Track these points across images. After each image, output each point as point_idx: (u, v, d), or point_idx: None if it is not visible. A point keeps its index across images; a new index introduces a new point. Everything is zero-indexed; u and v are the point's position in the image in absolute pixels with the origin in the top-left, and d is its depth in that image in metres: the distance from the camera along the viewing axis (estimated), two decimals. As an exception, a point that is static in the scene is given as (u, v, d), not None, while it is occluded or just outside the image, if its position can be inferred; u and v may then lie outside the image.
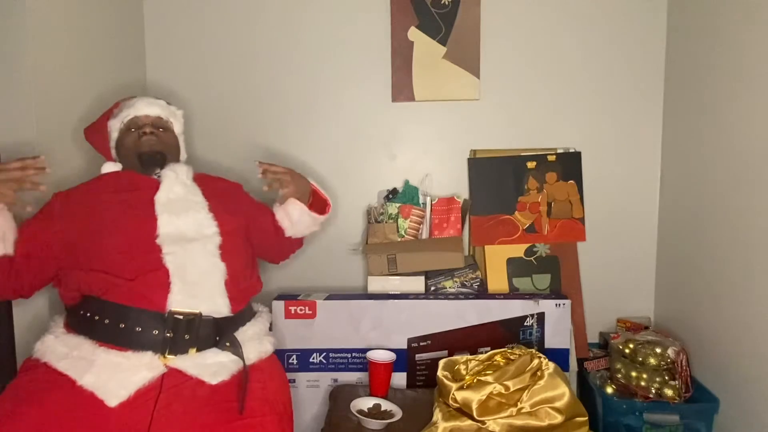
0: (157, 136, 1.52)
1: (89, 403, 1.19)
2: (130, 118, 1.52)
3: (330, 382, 1.85)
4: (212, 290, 1.37)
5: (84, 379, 1.21)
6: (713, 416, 1.63)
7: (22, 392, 1.20)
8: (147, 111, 1.54)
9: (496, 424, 1.41)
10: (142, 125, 1.52)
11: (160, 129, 1.54)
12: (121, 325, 1.28)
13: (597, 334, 2.06)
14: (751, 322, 1.51)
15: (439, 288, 1.96)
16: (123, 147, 1.52)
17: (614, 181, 2.03)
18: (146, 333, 1.28)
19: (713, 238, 1.69)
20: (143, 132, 1.51)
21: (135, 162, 1.50)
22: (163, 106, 1.58)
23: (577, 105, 2.01)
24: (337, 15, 2.01)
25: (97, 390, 1.20)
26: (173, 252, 1.34)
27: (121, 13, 1.91)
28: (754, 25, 1.51)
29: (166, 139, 1.55)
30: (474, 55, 1.99)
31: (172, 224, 1.38)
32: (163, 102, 1.60)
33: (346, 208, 2.06)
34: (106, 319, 1.29)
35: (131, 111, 1.53)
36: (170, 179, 1.46)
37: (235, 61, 2.03)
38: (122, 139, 1.52)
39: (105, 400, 1.19)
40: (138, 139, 1.51)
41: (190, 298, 1.33)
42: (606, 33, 1.98)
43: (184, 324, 1.30)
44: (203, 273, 1.37)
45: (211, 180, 1.60)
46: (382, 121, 2.05)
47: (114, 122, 1.54)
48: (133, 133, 1.51)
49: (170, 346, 1.28)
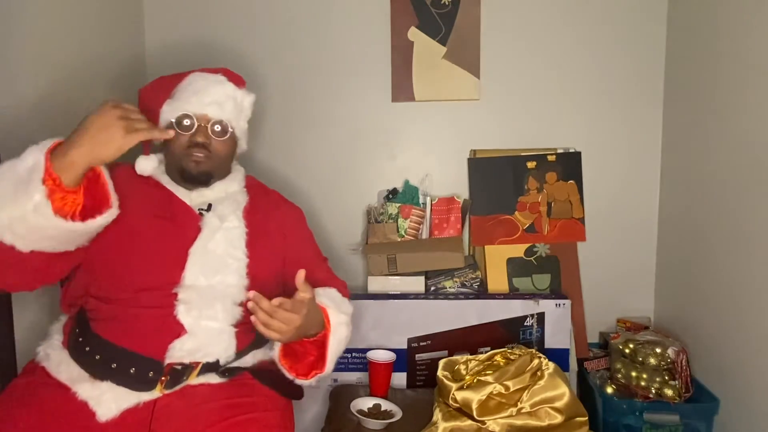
0: (209, 151, 1.29)
1: (83, 411, 1.15)
2: (183, 114, 1.28)
3: (330, 382, 1.84)
4: (221, 339, 1.26)
5: (79, 387, 1.17)
6: (713, 416, 1.63)
7: (18, 394, 1.18)
8: (208, 110, 1.29)
9: (496, 424, 1.41)
10: (195, 130, 1.28)
11: (216, 134, 1.30)
12: (113, 365, 1.18)
13: (597, 334, 2.06)
14: (751, 322, 1.51)
15: (439, 288, 1.96)
16: (167, 145, 1.31)
17: (614, 181, 2.03)
18: (141, 374, 1.19)
19: (713, 238, 1.69)
20: (194, 142, 1.28)
21: (175, 173, 1.32)
22: (230, 102, 1.31)
23: (577, 105, 2.01)
24: (337, 15, 2.01)
25: (90, 400, 1.16)
26: (189, 302, 1.21)
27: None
28: (755, 25, 1.51)
29: (219, 150, 1.31)
30: (474, 55, 1.99)
31: (199, 280, 1.23)
32: (231, 89, 1.33)
33: (346, 208, 2.06)
34: (97, 355, 1.19)
35: (188, 105, 1.28)
36: (212, 228, 1.27)
37: (234, 64, 2.03)
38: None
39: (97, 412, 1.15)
40: (186, 148, 1.28)
41: (195, 350, 1.22)
42: (606, 33, 1.98)
43: (183, 371, 1.22)
44: (216, 328, 1.24)
45: (265, 207, 1.40)
46: (382, 121, 2.05)
47: (168, 109, 1.29)
48: (182, 137, 1.28)
49: (167, 385, 1.21)
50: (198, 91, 1.30)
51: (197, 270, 1.24)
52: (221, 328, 1.25)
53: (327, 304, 1.29)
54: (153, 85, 1.39)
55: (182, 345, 1.21)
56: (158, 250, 1.25)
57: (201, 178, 1.31)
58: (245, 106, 1.38)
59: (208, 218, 1.30)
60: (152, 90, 1.37)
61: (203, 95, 1.29)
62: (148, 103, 1.34)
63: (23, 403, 1.15)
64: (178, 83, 1.33)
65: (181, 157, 1.29)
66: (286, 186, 1.96)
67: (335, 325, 1.28)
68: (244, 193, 1.41)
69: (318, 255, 1.52)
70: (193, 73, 1.35)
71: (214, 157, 1.31)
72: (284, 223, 1.43)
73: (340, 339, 1.30)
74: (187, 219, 1.29)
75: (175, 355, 1.20)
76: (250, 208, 1.38)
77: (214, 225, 1.29)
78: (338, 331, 1.29)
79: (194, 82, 1.32)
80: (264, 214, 1.40)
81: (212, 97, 1.30)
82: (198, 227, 1.28)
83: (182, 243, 1.26)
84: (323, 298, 1.29)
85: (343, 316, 1.31)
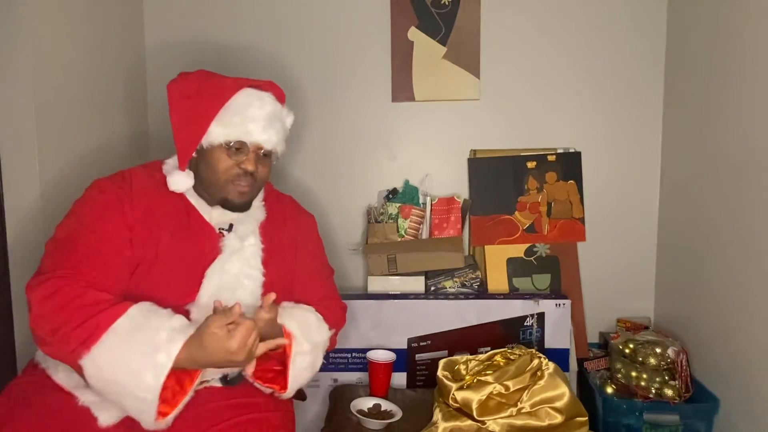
0: (254, 179, 1.27)
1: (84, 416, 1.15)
2: (239, 141, 1.23)
3: (330, 382, 1.85)
4: None
5: (80, 392, 1.16)
6: (713, 416, 1.63)
7: (18, 394, 1.17)
8: (264, 142, 1.25)
9: (496, 424, 1.41)
10: (247, 158, 1.24)
11: (262, 161, 1.28)
12: None
13: (597, 334, 2.06)
14: (751, 322, 1.51)
15: (439, 288, 1.96)
16: (210, 166, 1.25)
17: (614, 181, 2.03)
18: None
19: (713, 238, 1.69)
20: (245, 171, 1.24)
21: (214, 196, 1.28)
22: (279, 126, 1.29)
23: (578, 105, 2.01)
24: (337, 15, 2.01)
25: (92, 405, 1.15)
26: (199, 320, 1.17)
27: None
28: (755, 25, 1.50)
29: (263, 175, 1.29)
30: (474, 55, 1.99)
31: (213, 297, 1.21)
32: (280, 110, 1.30)
33: (346, 208, 2.06)
34: None
35: (245, 134, 1.23)
36: (232, 250, 1.26)
37: (234, 63, 2.03)
38: (213, 156, 1.24)
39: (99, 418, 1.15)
40: (234, 176, 1.24)
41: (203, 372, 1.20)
42: (606, 33, 1.98)
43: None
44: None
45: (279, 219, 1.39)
46: (382, 121, 2.05)
47: (219, 131, 1.22)
48: (229, 161, 1.24)
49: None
50: (254, 119, 1.24)
51: (212, 290, 1.23)
52: None
53: (293, 331, 1.26)
54: (193, 87, 1.27)
55: None
56: (175, 270, 1.23)
57: (243, 208, 1.30)
58: (287, 127, 1.36)
59: (228, 239, 1.28)
60: (195, 93, 1.26)
61: (259, 123, 1.24)
62: (193, 112, 1.24)
63: (24, 403, 1.14)
64: (227, 96, 1.24)
65: (226, 183, 1.25)
66: (286, 186, 1.96)
67: (295, 354, 1.25)
68: (262, 208, 1.39)
69: (324, 269, 1.51)
70: (245, 91, 1.27)
71: (257, 184, 1.30)
72: (297, 235, 1.42)
73: (303, 368, 1.27)
74: (207, 239, 1.27)
75: None
76: (266, 222, 1.36)
77: (235, 247, 1.27)
78: (298, 360, 1.26)
79: (248, 105, 1.25)
80: (278, 225, 1.38)
81: (268, 127, 1.25)
82: (217, 248, 1.26)
83: (200, 263, 1.24)
84: (293, 323, 1.27)
85: (306, 345, 1.26)
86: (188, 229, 1.27)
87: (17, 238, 1.43)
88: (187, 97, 1.26)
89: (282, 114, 1.33)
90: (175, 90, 1.27)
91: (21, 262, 1.42)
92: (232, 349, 1.07)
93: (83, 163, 1.62)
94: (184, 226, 1.27)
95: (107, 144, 1.76)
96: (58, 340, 1.07)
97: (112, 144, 1.79)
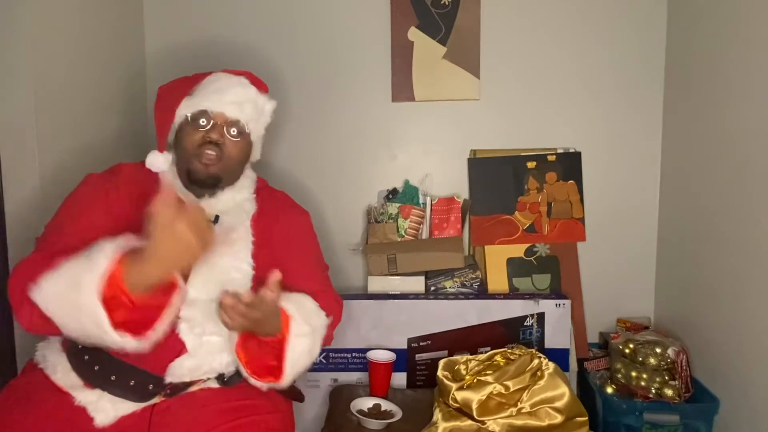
0: (222, 151, 1.24)
1: (81, 416, 1.15)
2: (200, 110, 1.23)
3: (330, 382, 1.85)
4: (222, 354, 1.23)
5: (77, 392, 1.16)
6: (713, 416, 1.63)
7: (17, 394, 1.18)
8: (225, 109, 1.24)
9: (496, 424, 1.41)
10: (210, 126, 1.24)
11: (232, 135, 1.26)
12: (112, 377, 1.17)
13: (597, 334, 2.06)
14: (751, 322, 1.51)
15: (439, 288, 1.96)
16: (180, 145, 1.25)
17: (614, 181, 2.03)
18: (140, 386, 1.18)
19: (713, 237, 1.69)
20: (207, 139, 1.23)
21: (183, 175, 1.27)
22: (250, 104, 1.27)
23: (577, 105, 2.01)
24: (337, 15, 2.01)
25: (89, 406, 1.15)
26: (191, 319, 1.19)
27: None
28: (755, 25, 1.50)
29: (232, 152, 1.26)
30: (474, 55, 1.99)
31: (202, 294, 1.20)
32: (253, 93, 1.29)
33: (346, 207, 2.06)
34: (96, 366, 1.17)
35: (206, 102, 1.23)
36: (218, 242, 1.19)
37: (234, 64, 2.03)
38: (182, 131, 1.25)
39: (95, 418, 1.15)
40: (198, 146, 1.23)
41: (196, 368, 1.21)
42: (606, 32, 1.98)
43: (184, 386, 1.22)
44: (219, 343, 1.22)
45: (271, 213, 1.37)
46: (382, 121, 2.05)
47: (185, 105, 1.24)
48: (196, 133, 1.23)
49: (167, 395, 1.21)
50: (218, 90, 1.25)
51: (200, 285, 1.21)
52: (224, 344, 1.22)
53: (292, 313, 1.22)
54: (174, 83, 1.33)
55: (182, 363, 1.19)
56: None
57: (209, 181, 1.25)
58: (265, 111, 1.33)
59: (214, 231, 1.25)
60: (172, 87, 1.31)
61: (223, 94, 1.24)
62: (167, 100, 1.28)
63: (22, 404, 1.14)
64: (200, 82, 1.28)
65: (192, 156, 1.23)
66: (286, 186, 1.94)
67: (294, 336, 1.21)
68: (252, 201, 1.36)
69: (319, 264, 1.48)
70: (216, 73, 1.30)
71: (225, 159, 1.25)
72: (289, 230, 1.39)
73: (302, 351, 1.22)
74: None
75: (175, 374, 1.19)
76: (258, 216, 1.34)
77: (221, 238, 1.22)
78: (297, 342, 1.21)
79: (216, 81, 1.27)
80: (270, 220, 1.36)
81: (232, 97, 1.25)
82: None
83: None
84: (291, 305, 1.23)
85: (305, 327, 1.22)
86: None
87: (16, 236, 1.43)
88: (167, 92, 1.31)
89: (255, 96, 1.30)
90: (161, 90, 1.33)
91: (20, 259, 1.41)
92: (180, 234, 1.02)
93: (83, 162, 1.62)
94: None
95: (106, 143, 1.76)
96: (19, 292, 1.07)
97: (111, 143, 1.79)
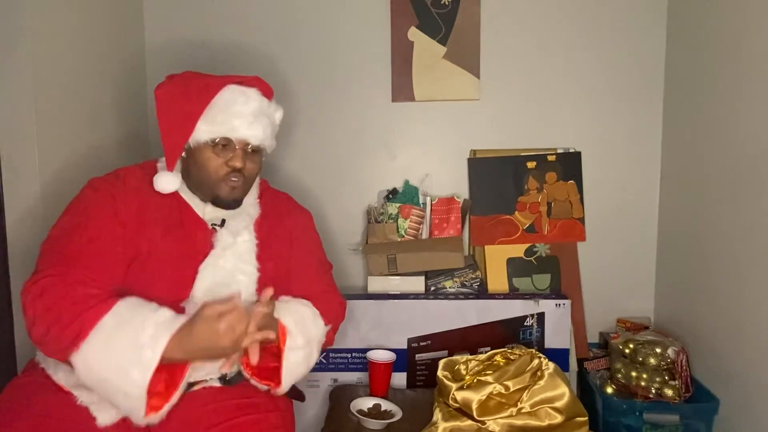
0: (244, 175, 1.27)
1: (83, 415, 1.15)
2: (224, 138, 1.23)
3: (330, 381, 1.85)
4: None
5: (79, 392, 1.16)
6: (713, 416, 1.63)
7: (18, 394, 1.17)
8: (248, 137, 1.24)
9: (496, 424, 1.41)
10: (234, 155, 1.24)
11: (251, 157, 1.28)
12: None
13: (597, 334, 2.06)
14: (751, 322, 1.51)
15: (439, 288, 1.96)
16: (199, 166, 1.25)
17: (614, 181, 2.03)
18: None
19: (713, 237, 1.69)
20: (234, 168, 1.24)
21: (206, 194, 1.28)
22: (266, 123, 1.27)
23: (577, 105, 2.01)
24: (337, 15, 2.01)
25: (91, 405, 1.15)
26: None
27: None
28: (755, 26, 1.50)
29: (252, 172, 1.29)
30: (474, 55, 1.99)
31: (207, 296, 1.20)
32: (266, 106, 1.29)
33: (346, 208, 2.06)
34: None
35: (230, 130, 1.22)
36: (224, 245, 1.26)
37: (234, 64, 2.03)
38: (201, 152, 1.24)
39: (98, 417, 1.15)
40: (224, 174, 1.24)
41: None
42: (606, 33, 1.98)
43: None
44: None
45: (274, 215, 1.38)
46: (382, 121, 2.05)
47: (205, 128, 1.22)
48: (218, 159, 1.24)
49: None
50: (239, 115, 1.23)
51: (206, 287, 1.22)
52: None
53: (289, 326, 1.25)
54: (176, 89, 1.27)
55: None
56: (169, 266, 1.22)
57: (233, 205, 1.29)
58: (275, 122, 1.35)
59: (221, 235, 1.27)
60: (180, 95, 1.26)
61: (244, 119, 1.23)
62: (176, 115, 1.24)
63: (23, 403, 1.14)
64: (212, 95, 1.24)
65: (217, 182, 1.25)
66: (286, 186, 1.95)
67: (289, 350, 1.24)
68: (257, 205, 1.38)
69: (322, 264, 1.49)
70: (229, 88, 1.26)
71: (247, 180, 1.29)
72: (292, 231, 1.41)
73: (296, 362, 1.26)
74: (199, 235, 1.27)
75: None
76: (261, 219, 1.36)
77: (227, 242, 1.26)
78: (291, 355, 1.25)
79: (233, 103, 1.24)
80: (273, 222, 1.38)
81: (253, 120, 1.24)
82: (210, 243, 1.26)
83: (194, 259, 1.24)
84: (289, 318, 1.26)
85: (300, 340, 1.25)
86: (181, 225, 1.27)
87: (17, 239, 1.43)
88: (173, 99, 1.26)
89: (269, 109, 1.31)
90: (161, 93, 1.27)
91: (21, 262, 1.42)
92: (219, 332, 1.06)
93: (83, 164, 1.62)
94: (177, 223, 1.26)
95: (107, 144, 1.76)
96: (51, 340, 1.07)
97: (112, 144, 1.79)
